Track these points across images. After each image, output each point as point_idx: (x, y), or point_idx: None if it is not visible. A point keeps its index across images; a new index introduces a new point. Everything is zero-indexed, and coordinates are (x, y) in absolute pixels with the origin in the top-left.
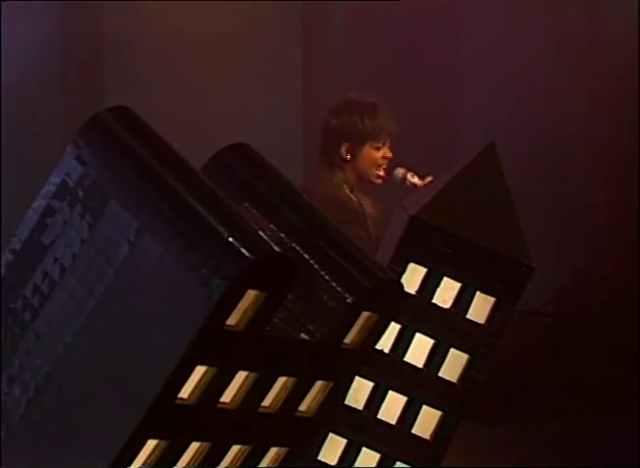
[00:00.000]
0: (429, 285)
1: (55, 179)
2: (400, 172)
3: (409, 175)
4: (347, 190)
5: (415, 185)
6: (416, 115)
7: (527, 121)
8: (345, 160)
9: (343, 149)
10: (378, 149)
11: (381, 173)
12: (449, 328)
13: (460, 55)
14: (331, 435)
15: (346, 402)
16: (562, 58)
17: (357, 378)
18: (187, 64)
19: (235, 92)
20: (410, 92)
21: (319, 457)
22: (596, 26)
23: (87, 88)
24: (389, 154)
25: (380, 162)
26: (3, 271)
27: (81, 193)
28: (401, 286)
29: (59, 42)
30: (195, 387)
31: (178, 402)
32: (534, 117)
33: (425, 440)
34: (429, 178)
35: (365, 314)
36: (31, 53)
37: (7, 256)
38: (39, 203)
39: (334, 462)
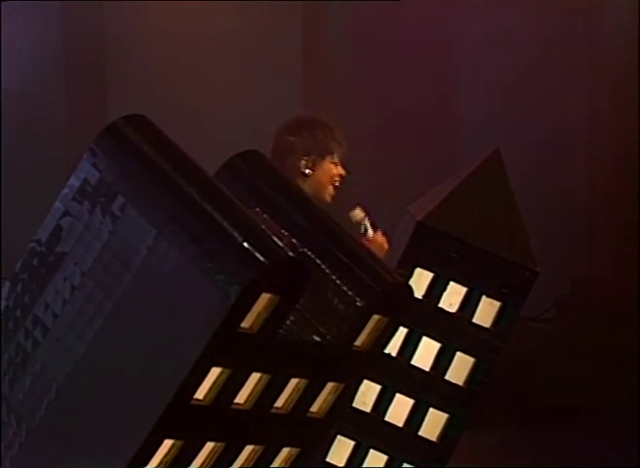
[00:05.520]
0: (436, 289)
1: (72, 184)
2: (359, 214)
3: (366, 221)
4: None
5: (365, 234)
6: (415, 115)
7: (526, 123)
8: (305, 175)
9: (303, 164)
10: (335, 165)
11: (332, 191)
12: (455, 331)
13: (459, 55)
14: (339, 437)
15: (354, 404)
16: (562, 57)
17: (365, 381)
18: (189, 66)
19: (236, 92)
20: (410, 92)
21: (327, 459)
22: (596, 26)
23: (89, 90)
24: (343, 172)
25: (336, 179)
26: (23, 275)
27: (98, 199)
28: (410, 289)
29: (61, 46)
30: (210, 388)
31: (193, 402)
32: (532, 119)
33: (432, 442)
34: (380, 233)
35: (375, 317)
36: (33, 56)
37: (25, 261)
38: (57, 207)
39: (342, 464)
